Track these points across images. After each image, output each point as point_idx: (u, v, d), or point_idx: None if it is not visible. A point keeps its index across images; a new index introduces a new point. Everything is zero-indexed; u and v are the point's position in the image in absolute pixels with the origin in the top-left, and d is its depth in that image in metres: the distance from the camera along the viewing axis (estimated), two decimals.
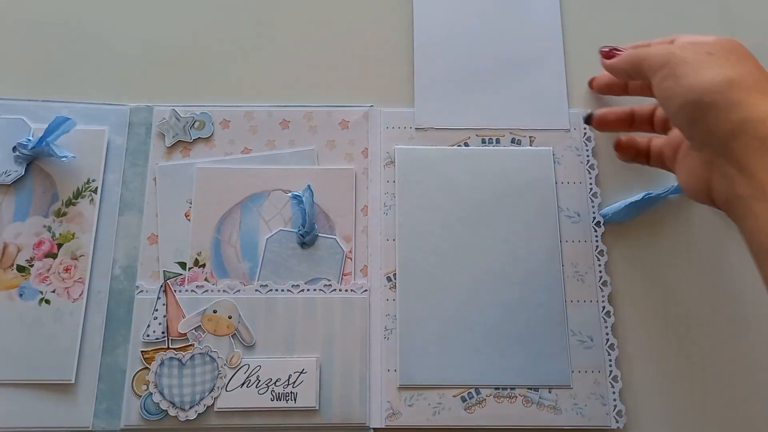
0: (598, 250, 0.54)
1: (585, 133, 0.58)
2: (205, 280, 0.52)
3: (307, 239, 0.53)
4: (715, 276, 0.55)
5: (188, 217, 0.53)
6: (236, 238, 0.53)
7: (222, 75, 0.60)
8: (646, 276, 0.54)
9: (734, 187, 0.38)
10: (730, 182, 0.38)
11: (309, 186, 0.54)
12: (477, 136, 0.57)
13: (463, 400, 0.50)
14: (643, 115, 0.53)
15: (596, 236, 0.55)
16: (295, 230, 0.54)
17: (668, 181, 0.56)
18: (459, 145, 0.57)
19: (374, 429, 0.50)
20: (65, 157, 0.53)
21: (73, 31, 0.61)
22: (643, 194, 0.55)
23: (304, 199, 0.53)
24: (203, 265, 0.52)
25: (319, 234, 0.54)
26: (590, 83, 0.59)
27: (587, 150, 0.57)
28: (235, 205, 0.54)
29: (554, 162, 0.56)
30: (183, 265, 0.52)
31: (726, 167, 0.39)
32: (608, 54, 0.50)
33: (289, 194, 0.54)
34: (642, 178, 0.57)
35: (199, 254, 0.52)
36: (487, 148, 0.57)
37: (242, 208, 0.54)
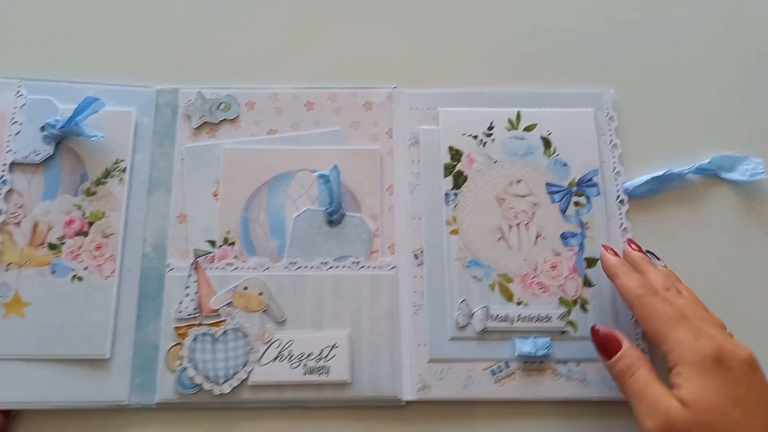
0: (623, 227, 0.55)
1: (608, 113, 0.59)
2: (234, 258, 0.53)
3: (334, 218, 0.54)
4: (738, 253, 0.56)
5: (216, 197, 0.54)
6: (264, 217, 0.54)
7: (247, 57, 0.60)
8: (669, 253, 0.55)
9: None
10: None
11: (336, 165, 0.55)
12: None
13: (493, 373, 0.51)
14: None
15: (620, 214, 0.56)
16: (323, 209, 0.54)
17: (690, 160, 0.57)
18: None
19: (406, 402, 0.50)
20: (95, 136, 0.53)
21: (99, 13, 0.61)
22: (665, 170, 0.56)
23: (331, 178, 0.54)
24: (232, 244, 0.53)
25: (346, 213, 0.54)
26: None
27: (610, 130, 0.58)
28: (262, 185, 0.54)
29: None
30: (212, 243, 0.53)
31: None
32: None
33: (316, 173, 0.55)
34: (664, 154, 0.58)
35: (227, 233, 0.53)
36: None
37: (269, 188, 0.54)
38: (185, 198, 0.54)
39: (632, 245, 0.51)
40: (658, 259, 0.51)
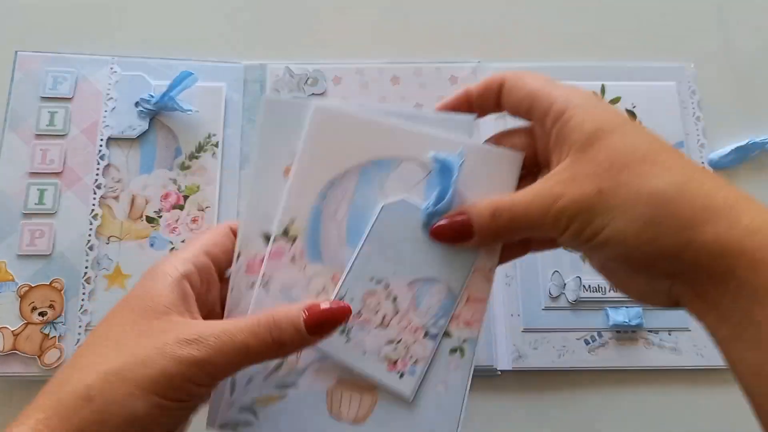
0: None
1: (689, 86, 0.59)
2: (291, 259, 0.37)
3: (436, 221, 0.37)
4: None
5: (287, 175, 0.38)
6: (344, 212, 0.38)
7: (333, 33, 0.61)
8: None
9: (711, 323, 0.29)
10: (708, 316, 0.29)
11: (462, 151, 0.37)
12: None
13: (586, 342, 0.52)
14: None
15: None
16: (424, 206, 0.37)
17: None
18: None
19: (501, 371, 0.51)
20: (189, 110, 0.54)
21: None
22: (748, 140, 0.56)
23: (451, 165, 0.37)
24: (294, 239, 0.37)
25: None
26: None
27: (693, 103, 0.58)
28: (351, 168, 0.38)
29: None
30: (268, 238, 0.37)
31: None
32: None
33: (432, 155, 0.37)
34: (745, 125, 0.58)
35: (291, 222, 0.37)
36: None
37: (361, 175, 0.38)
38: (251, 168, 0.40)
39: None
40: None
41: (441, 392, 0.36)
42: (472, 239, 0.35)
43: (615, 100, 0.58)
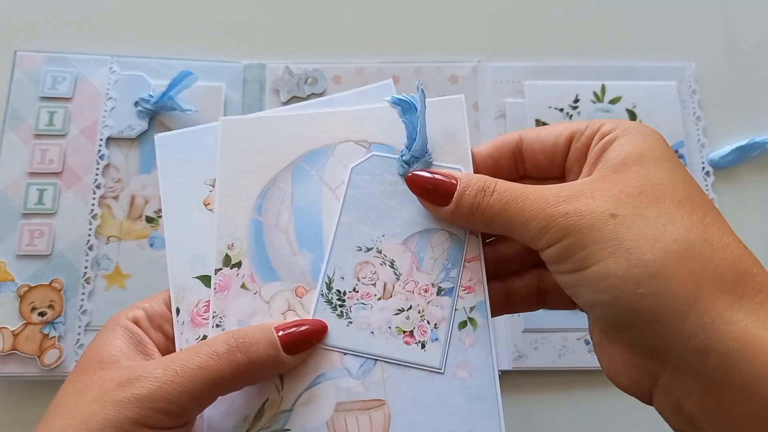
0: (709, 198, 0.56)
1: (690, 86, 0.59)
2: (242, 286, 0.33)
3: (415, 167, 0.34)
4: None
5: (209, 207, 0.35)
6: (287, 218, 0.34)
7: (333, 32, 0.61)
8: (755, 221, 0.56)
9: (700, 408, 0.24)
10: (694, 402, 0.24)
11: (420, 86, 0.34)
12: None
13: (587, 342, 0.52)
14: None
15: (707, 186, 0.56)
16: (396, 156, 0.34)
17: None
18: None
19: (501, 371, 0.51)
20: (189, 110, 0.54)
21: None
22: (748, 140, 0.56)
23: (413, 105, 0.34)
24: (238, 264, 0.34)
25: (434, 162, 0.34)
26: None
27: (693, 102, 0.58)
28: (282, 171, 0.35)
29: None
30: (205, 280, 0.34)
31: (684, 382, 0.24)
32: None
33: (390, 98, 0.34)
34: (745, 125, 0.58)
35: (230, 247, 0.34)
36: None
37: (294, 174, 0.35)
38: (163, 214, 0.36)
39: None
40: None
41: (466, 378, 0.31)
42: (446, 207, 0.30)
43: (615, 100, 0.58)
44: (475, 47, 0.60)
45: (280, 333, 0.30)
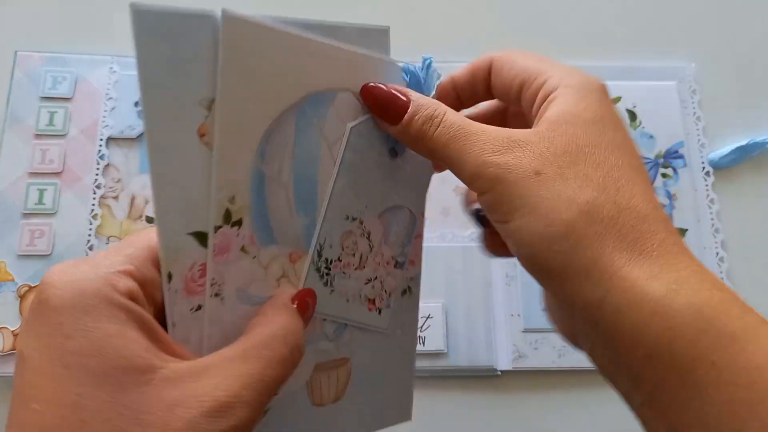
0: (709, 198, 0.56)
1: (690, 86, 0.59)
2: (242, 249, 0.28)
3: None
4: None
5: (204, 137, 0.26)
6: (288, 172, 0.29)
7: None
8: (755, 220, 0.56)
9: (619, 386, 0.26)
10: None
11: (429, 61, 0.33)
12: None
13: None
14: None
15: (707, 186, 0.56)
16: None
17: None
18: None
19: (501, 371, 0.51)
20: None
21: None
22: (748, 140, 0.56)
23: (419, 74, 0.33)
24: (239, 222, 0.27)
25: None
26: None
27: (693, 103, 0.58)
28: (288, 109, 0.28)
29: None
30: (201, 236, 0.26)
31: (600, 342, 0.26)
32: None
33: (401, 64, 0.32)
34: (744, 126, 0.59)
35: (231, 200, 0.27)
36: None
37: (298, 117, 0.29)
38: (148, 142, 0.25)
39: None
40: None
41: (399, 335, 0.36)
42: (394, 125, 0.30)
43: (615, 100, 0.58)
44: (475, 47, 0.60)
45: (295, 304, 0.28)
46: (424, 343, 0.51)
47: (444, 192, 0.55)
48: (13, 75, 0.55)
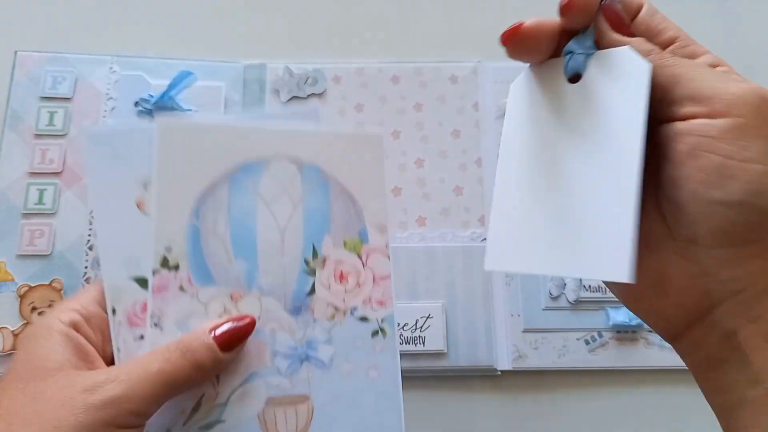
0: None
1: None
2: (180, 288, 0.35)
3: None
4: None
5: (141, 207, 0.35)
6: (224, 226, 0.36)
7: (333, 32, 0.61)
8: None
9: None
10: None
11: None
12: None
13: (587, 342, 0.52)
14: None
15: None
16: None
17: None
18: None
19: (501, 371, 0.51)
20: (189, 110, 0.54)
21: None
22: None
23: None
24: (176, 267, 0.35)
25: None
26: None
27: None
28: (220, 178, 0.36)
29: None
30: (142, 282, 0.34)
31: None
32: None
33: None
34: None
35: (168, 250, 0.34)
36: None
37: (232, 183, 0.36)
38: (94, 213, 0.38)
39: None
40: None
41: (375, 377, 0.37)
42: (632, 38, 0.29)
43: None
44: (475, 47, 0.60)
45: (216, 333, 0.32)
46: (424, 343, 0.51)
47: (444, 192, 0.55)
48: (13, 75, 0.55)
